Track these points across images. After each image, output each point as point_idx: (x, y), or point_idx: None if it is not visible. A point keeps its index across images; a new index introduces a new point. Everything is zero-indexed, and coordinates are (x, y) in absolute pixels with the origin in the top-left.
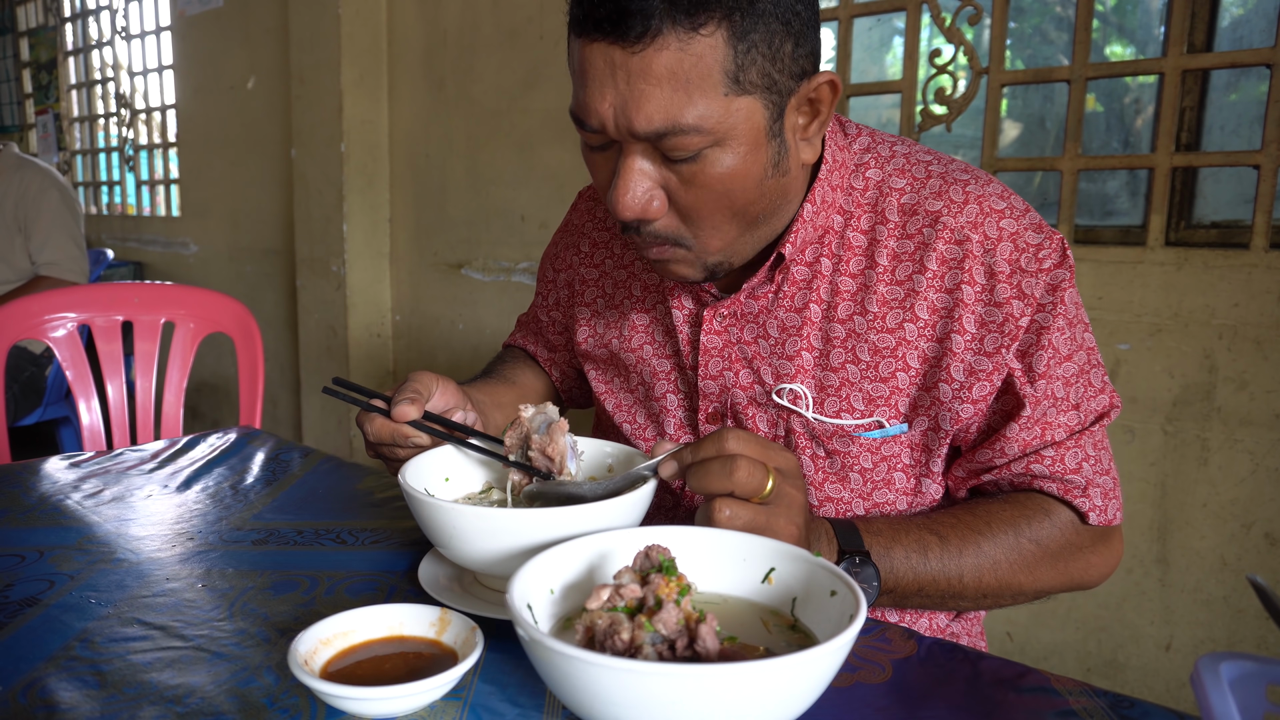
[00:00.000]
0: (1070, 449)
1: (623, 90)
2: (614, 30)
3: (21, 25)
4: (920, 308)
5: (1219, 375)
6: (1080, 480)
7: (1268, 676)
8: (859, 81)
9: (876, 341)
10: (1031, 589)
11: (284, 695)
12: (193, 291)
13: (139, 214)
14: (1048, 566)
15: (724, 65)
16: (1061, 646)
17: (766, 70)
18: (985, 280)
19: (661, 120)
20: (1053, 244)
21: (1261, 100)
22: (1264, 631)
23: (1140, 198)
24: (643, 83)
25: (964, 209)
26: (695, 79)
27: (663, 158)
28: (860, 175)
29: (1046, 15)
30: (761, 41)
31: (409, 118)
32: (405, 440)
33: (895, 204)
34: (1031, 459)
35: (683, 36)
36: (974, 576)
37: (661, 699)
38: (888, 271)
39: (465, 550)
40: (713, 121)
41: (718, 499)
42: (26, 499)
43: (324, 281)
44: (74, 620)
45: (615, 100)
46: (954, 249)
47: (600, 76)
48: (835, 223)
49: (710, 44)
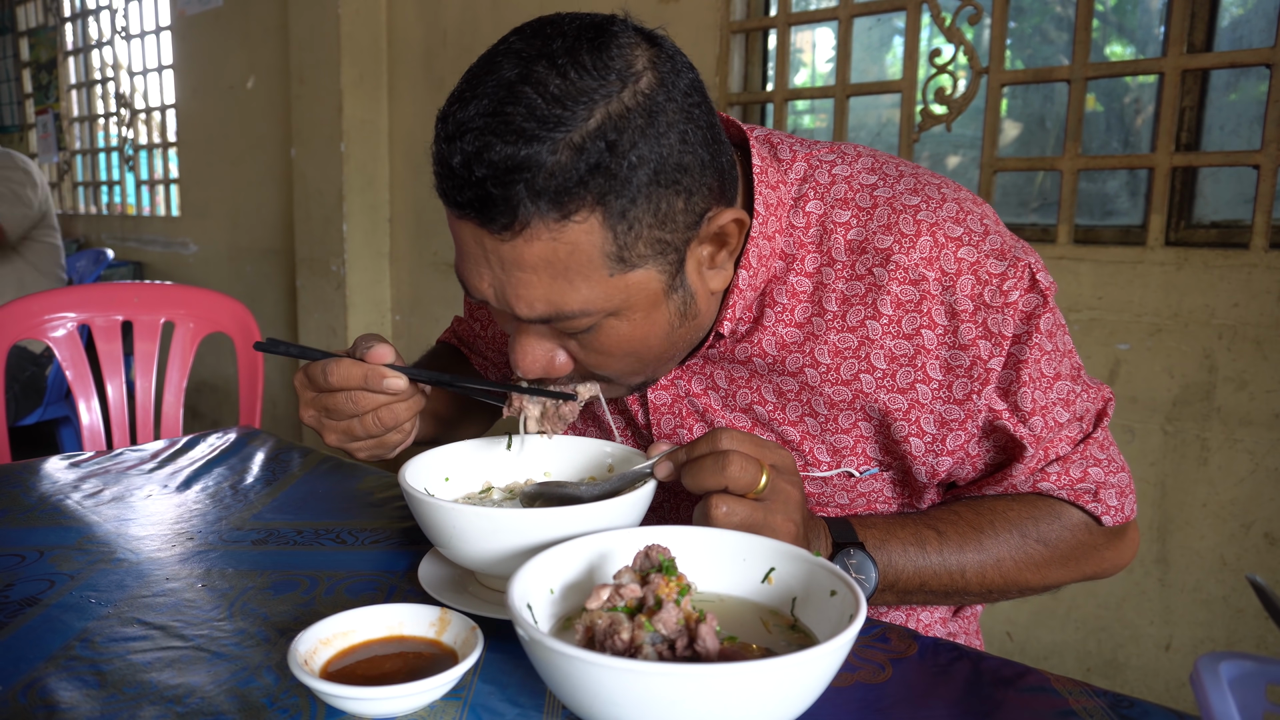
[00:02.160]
0: (1075, 461)
1: (499, 275)
2: (479, 217)
3: (21, 25)
4: (877, 357)
5: (1219, 375)
6: (1090, 485)
7: (1267, 676)
8: (859, 81)
9: (832, 395)
10: (1040, 585)
11: (284, 695)
12: (192, 291)
13: (139, 214)
14: (1057, 566)
15: (604, 249)
16: (1061, 646)
17: (656, 237)
18: (947, 321)
19: (544, 308)
20: (1018, 271)
21: (1261, 100)
22: (1264, 631)
23: (1140, 198)
24: (519, 270)
25: (917, 243)
26: (574, 266)
27: (555, 329)
28: (799, 211)
29: (1046, 15)
30: (645, 214)
31: (409, 118)
32: (379, 382)
33: (842, 242)
34: (1038, 478)
35: (553, 227)
36: (977, 572)
37: (661, 699)
38: (837, 318)
39: (465, 550)
40: (600, 302)
41: (713, 495)
42: (26, 499)
43: (324, 281)
44: (74, 620)
45: (493, 282)
46: (909, 290)
47: (475, 255)
48: (776, 268)
49: (585, 229)
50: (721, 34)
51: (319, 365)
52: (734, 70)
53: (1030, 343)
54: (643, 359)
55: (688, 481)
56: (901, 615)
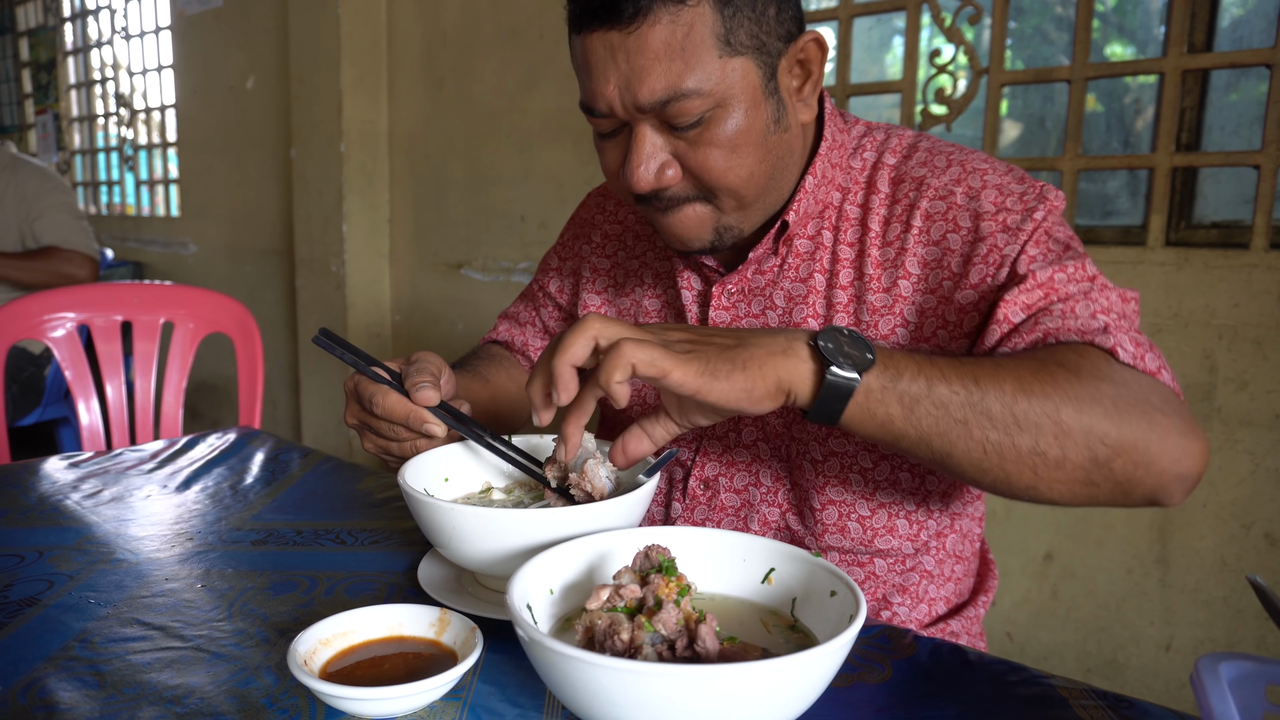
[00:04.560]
0: (1080, 300)
1: (624, 70)
2: (609, 17)
3: (21, 25)
4: (910, 263)
5: (1219, 375)
6: (1099, 324)
7: (1267, 676)
8: (859, 81)
9: (874, 302)
10: (1076, 419)
11: (283, 695)
12: (192, 291)
13: (138, 214)
14: (1088, 389)
15: (714, 30)
16: (1061, 646)
17: (754, 32)
18: (971, 224)
19: (664, 89)
20: (1034, 189)
21: (1261, 100)
22: (1264, 631)
23: (1140, 198)
24: (641, 58)
25: (947, 171)
26: (690, 46)
27: (670, 128)
28: (858, 156)
29: (1046, 15)
30: (745, 6)
31: (409, 118)
32: (419, 424)
33: (886, 176)
34: (1040, 315)
35: (672, 10)
36: (993, 380)
37: (661, 699)
38: (879, 236)
39: (465, 550)
40: (711, 84)
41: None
42: (26, 499)
43: (324, 281)
44: (73, 620)
45: (619, 80)
46: (938, 204)
47: (602, 63)
48: (834, 198)
49: (698, 12)
50: None
51: (368, 390)
52: None
53: (1034, 234)
54: (744, 165)
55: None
56: (905, 612)
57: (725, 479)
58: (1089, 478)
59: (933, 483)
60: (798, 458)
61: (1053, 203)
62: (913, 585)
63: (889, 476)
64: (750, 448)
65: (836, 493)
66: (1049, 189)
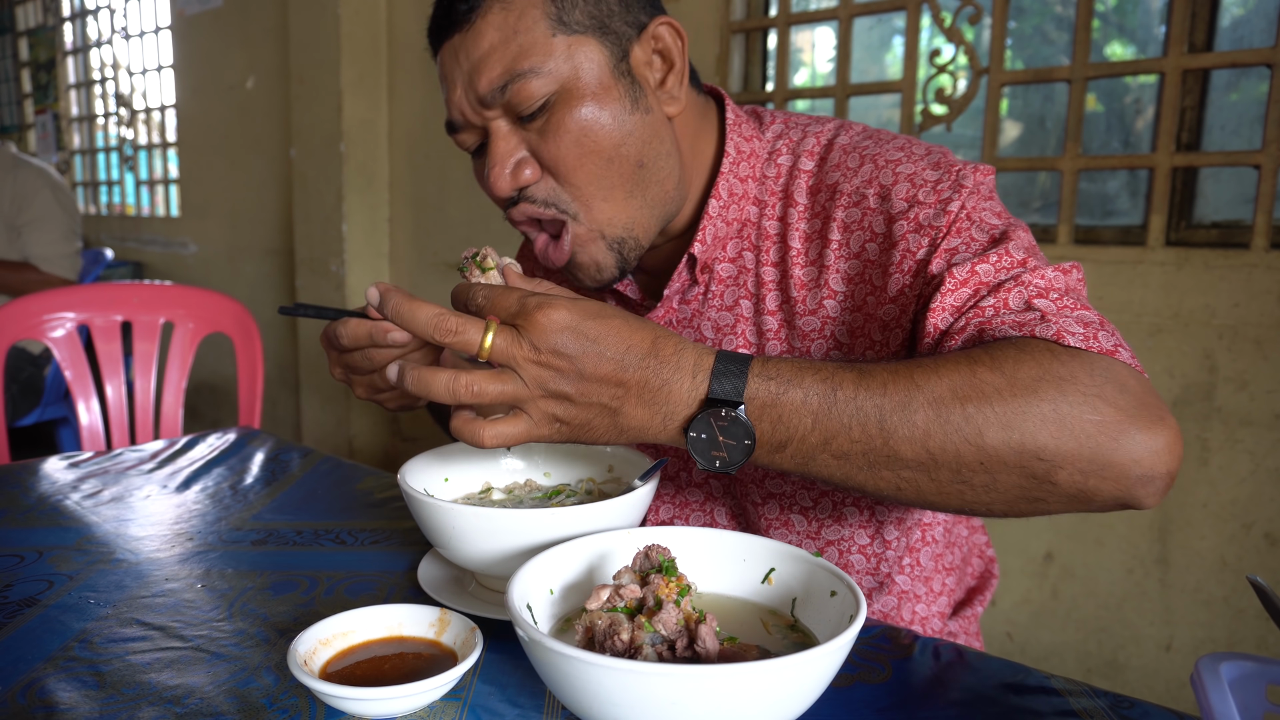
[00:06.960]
0: (1013, 289)
1: (466, 68)
2: (449, 24)
3: (21, 25)
4: (834, 280)
5: (1219, 375)
6: (1035, 313)
7: (1268, 676)
8: (859, 81)
9: (802, 326)
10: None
11: (283, 695)
12: (192, 291)
13: (138, 214)
14: (1022, 402)
15: (545, 10)
16: (1061, 647)
17: (591, 11)
18: (884, 228)
19: (500, 74)
20: (950, 175)
21: (1261, 100)
22: (1264, 631)
23: (1140, 198)
24: (478, 50)
25: (859, 171)
26: (522, 29)
27: (520, 121)
28: (772, 163)
29: (1046, 15)
30: None
31: (409, 118)
32: (384, 337)
33: (803, 186)
34: (970, 314)
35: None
36: (903, 414)
37: (661, 699)
38: (801, 254)
39: (465, 550)
40: (549, 64)
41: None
42: (25, 499)
43: (324, 281)
44: (73, 621)
45: (463, 81)
46: (853, 211)
47: (450, 71)
48: (750, 214)
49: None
50: (721, 34)
51: (333, 327)
52: (734, 70)
53: (952, 227)
54: (601, 153)
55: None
56: (905, 614)
57: (680, 520)
58: (1028, 495)
59: (884, 512)
60: (742, 499)
61: (971, 187)
62: (891, 611)
63: (833, 513)
64: (702, 486)
65: (781, 535)
66: (968, 171)
